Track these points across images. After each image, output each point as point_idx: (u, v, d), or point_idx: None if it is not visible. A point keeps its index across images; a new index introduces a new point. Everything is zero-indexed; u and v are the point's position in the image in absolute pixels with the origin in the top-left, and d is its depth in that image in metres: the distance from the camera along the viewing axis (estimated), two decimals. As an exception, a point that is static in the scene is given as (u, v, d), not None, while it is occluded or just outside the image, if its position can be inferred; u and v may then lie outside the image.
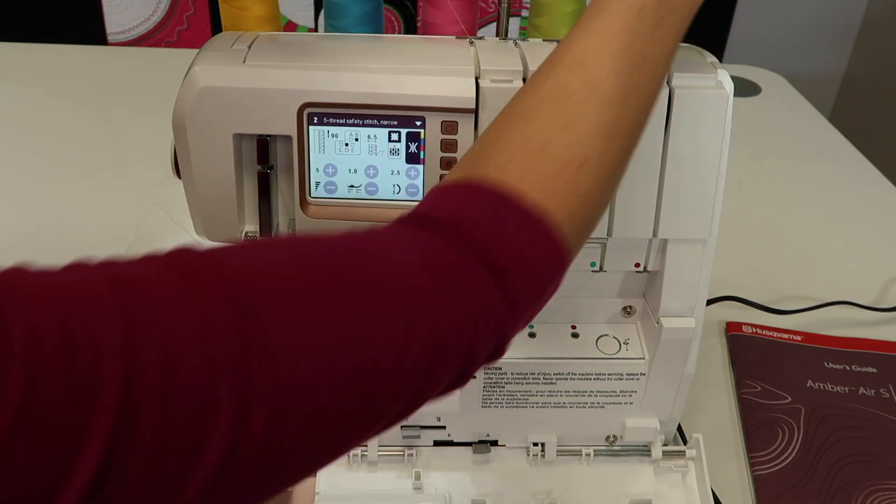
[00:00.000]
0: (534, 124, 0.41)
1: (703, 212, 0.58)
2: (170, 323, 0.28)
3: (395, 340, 0.34)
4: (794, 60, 1.73)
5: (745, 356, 0.83)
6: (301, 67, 0.53)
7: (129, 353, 0.27)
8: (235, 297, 0.30)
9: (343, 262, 0.35)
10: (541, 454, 0.66)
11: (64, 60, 1.42)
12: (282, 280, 0.32)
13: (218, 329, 0.29)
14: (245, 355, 0.29)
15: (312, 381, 0.31)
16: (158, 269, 0.30)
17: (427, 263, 0.36)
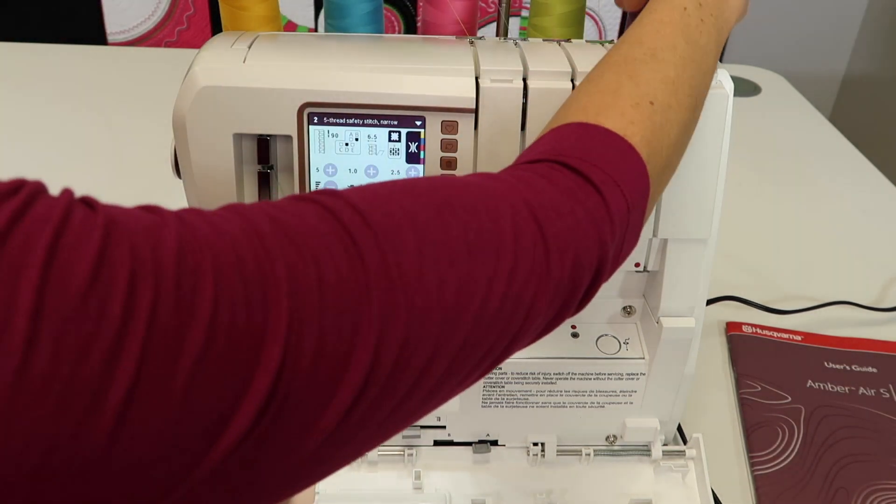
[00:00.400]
0: (603, 80, 0.46)
1: (703, 212, 0.58)
2: (315, 252, 0.31)
3: (518, 244, 0.36)
4: (794, 60, 1.73)
5: (745, 356, 0.83)
6: (301, 67, 0.53)
7: (292, 275, 0.29)
8: (379, 240, 0.33)
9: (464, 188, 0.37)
10: (541, 454, 0.66)
11: (64, 60, 1.42)
12: (413, 223, 0.34)
13: (367, 262, 0.32)
14: (388, 294, 0.32)
15: (441, 308, 0.33)
16: (311, 210, 0.33)
17: (536, 179, 0.39)
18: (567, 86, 0.54)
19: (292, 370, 0.28)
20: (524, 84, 0.54)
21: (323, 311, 0.30)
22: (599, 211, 0.39)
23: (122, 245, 0.26)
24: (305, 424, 0.30)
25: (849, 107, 1.78)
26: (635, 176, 0.42)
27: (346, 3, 0.62)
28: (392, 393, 0.32)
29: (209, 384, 0.27)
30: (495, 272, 0.35)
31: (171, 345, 0.26)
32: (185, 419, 0.26)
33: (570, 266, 0.38)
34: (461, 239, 0.34)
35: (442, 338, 0.33)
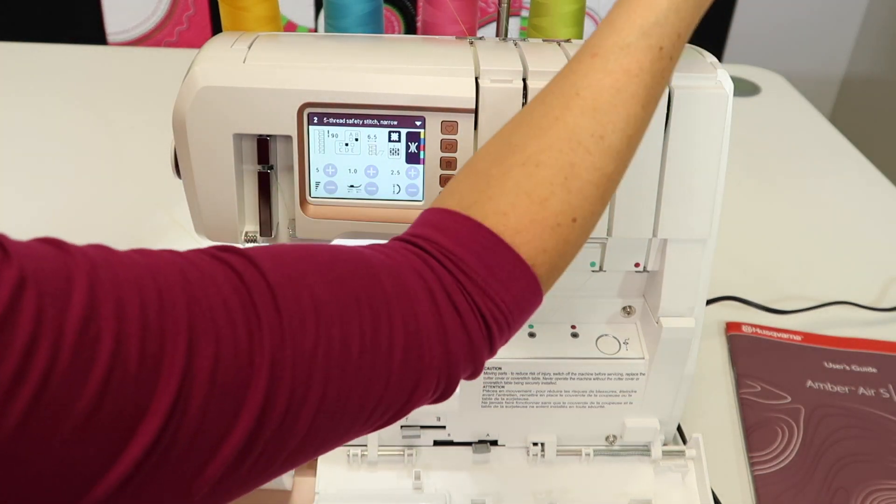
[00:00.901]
0: (538, 173, 0.42)
1: (703, 212, 0.58)
2: (223, 320, 0.33)
3: (393, 357, 0.38)
4: (794, 60, 1.73)
5: (745, 356, 0.83)
6: (301, 67, 0.53)
7: (191, 337, 0.31)
8: (278, 302, 0.35)
9: (361, 282, 0.39)
10: (541, 454, 0.66)
11: (64, 60, 1.42)
12: (311, 291, 0.36)
13: (262, 325, 0.34)
14: (278, 353, 0.34)
15: (326, 377, 0.36)
16: (215, 266, 0.35)
17: (431, 294, 0.40)
18: (567, 86, 0.54)
19: (170, 440, 0.30)
20: (524, 84, 0.54)
21: (212, 389, 0.32)
22: (481, 341, 0.41)
23: (29, 301, 0.27)
24: (180, 486, 0.32)
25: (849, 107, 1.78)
26: (526, 305, 0.43)
27: (346, 3, 0.62)
28: (268, 462, 0.35)
29: (87, 444, 0.28)
30: (378, 376, 0.38)
31: (57, 409, 0.27)
32: (61, 474, 0.28)
33: (444, 380, 0.41)
34: (356, 340, 0.37)
35: (315, 426, 0.36)
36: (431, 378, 0.40)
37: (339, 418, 0.37)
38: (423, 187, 0.56)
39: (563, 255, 0.44)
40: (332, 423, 0.37)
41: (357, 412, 0.37)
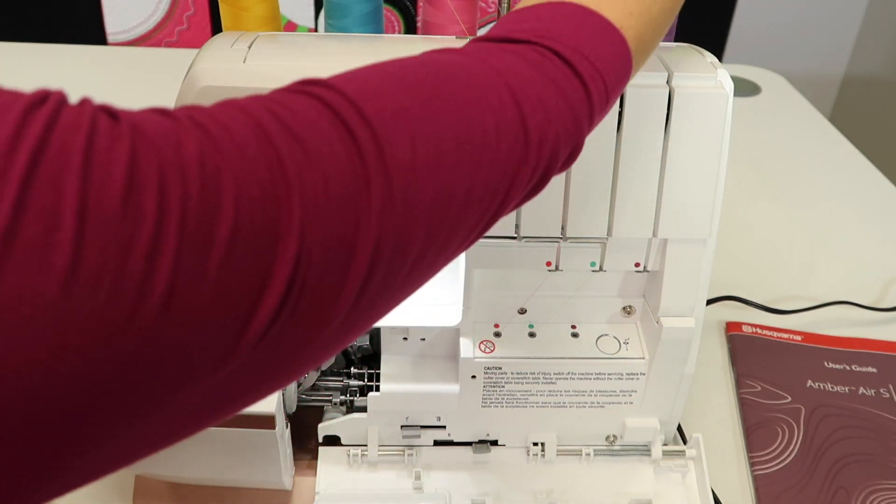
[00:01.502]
0: None
1: (702, 212, 0.58)
2: (319, 149, 0.32)
3: (500, 137, 0.37)
4: (794, 60, 1.73)
5: (745, 356, 0.83)
6: (301, 67, 0.53)
7: (300, 173, 0.31)
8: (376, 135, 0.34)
9: (436, 79, 0.38)
10: (541, 454, 0.66)
11: (64, 60, 1.42)
12: (392, 99, 0.36)
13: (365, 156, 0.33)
14: (385, 186, 0.33)
15: (432, 198, 0.35)
16: (309, 105, 0.34)
17: (524, 72, 0.39)
18: (567, 86, 0.54)
19: (307, 261, 0.31)
20: None
21: (329, 205, 0.32)
22: (582, 105, 0.41)
23: (149, 151, 0.27)
24: (324, 307, 0.32)
25: (849, 107, 1.78)
26: (621, 70, 0.43)
27: (346, 3, 0.62)
28: (396, 271, 0.35)
29: (237, 274, 0.29)
30: (479, 164, 0.37)
31: (201, 239, 0.28)
32: (219, 307, 0.28)
33: (547, 155, 0.40)
34: (449, 133, 0.36)
35: (432, 223, 0.35)
36: (532, 154, 0.39)
37: (451, 213, 0.36)
38: (423, 187, 0.55)
39: (649, 25, 0.44)
40: (445, 220, 0.36)
41: (464, 202, 0.37)
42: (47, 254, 0.24)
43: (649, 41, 0.45)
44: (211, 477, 0.63)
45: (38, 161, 0.25)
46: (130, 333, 0.26)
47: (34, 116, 0.26)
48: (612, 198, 0.57)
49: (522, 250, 0.61)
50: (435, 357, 0.66)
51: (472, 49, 0.41)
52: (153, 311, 0.26)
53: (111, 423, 0.27)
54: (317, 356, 0.35)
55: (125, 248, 0.26)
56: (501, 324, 0.65)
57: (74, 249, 0.25)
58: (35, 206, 0.24)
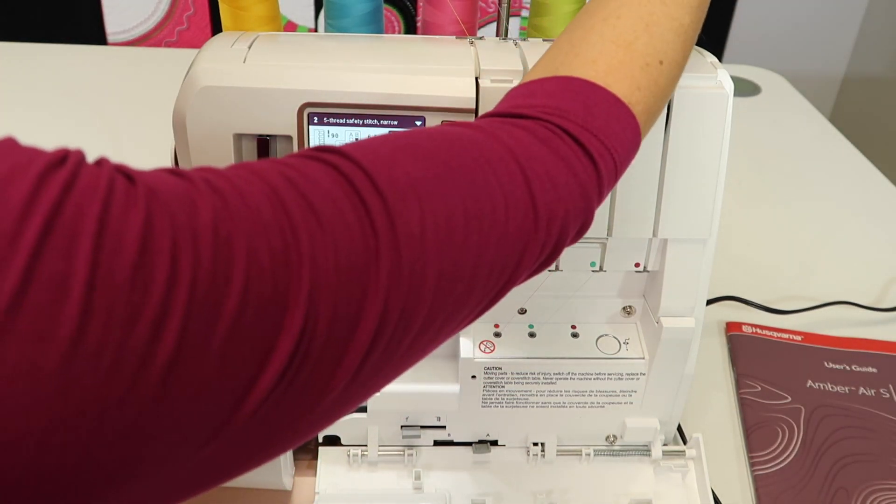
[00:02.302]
0: (620, 23, 0.44)
1: (703, 212, 0.58)
2: (332, 210, 0.32)
3: (509, 214, 0.38)
4: (794, 60, 1.73)
5: (745, 356, 0.83)
6: (301, 67, 0.53)
7: (312, 244, 0.31)
8: (378, 186, 0.34)
9: (448, 153, 0.38)
10: (541, 454, 0.66)
11: (64, 60, 1.42)
12: (404, 170, 0.36)
13: (370, 209, 0.33)
14: (390, 233, 0.33)
15: (439, 273, 0.35)
16: (323, 172, 0.34)
17: (526, 147, 0.39)
18: (567, 86, 0.54)
19: (311, 333, 0.30)
20: (524, 84, 0.54)
21: (339, 278, 0.31)
22: (591, 182, 0.41)
23: (164, 216, 0.27)
24: (324, 379, 0.32)
25: (849, 107, 1.78)
26: (630, 145, 0.43)
27: (346, 3, 0.62)
28: (398, 345, 0.34)
29: (241, 346, 0.28)
30: (487, 240, 0.37)
31: (209, 310, 0.27)
32: (221, 377, 0.28)
33: (556, 232, 0.40)
34: (459, 208, 0.36)
35: (437, 297, 0.35)
36: (541, 232, 0.39)
37: (457, 288, 0.36)
38: (423, 187, 0.55)
39: (657, 97, 0.44)
40: (451, 295, 0.36)
41: (471, 278, 0.37)
42: (52, 326, 0.24)
43: (657, 111, 0.46)
44: (211, 477, 0.63)
45: (51, 227, 0.24)
46: (128, 407, 0.26)
47: (51, 179, 0.25)
48: (612, 198, 0.57)
49: (522, 250, 0.61)
50: (435, 357, 0.66)
51: (484, 124, 0.41)
52: (153, 383, 0.26)
53: (97, 495, 0.27)
54: (313, 427, 0.34)
55: (132, 317, 0.25)
56: (501, 324, 0.65)
57: (80, 321, 0.24)
58: (43, 276, 0.24)
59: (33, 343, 0.24)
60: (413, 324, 0.34)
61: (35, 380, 0.24)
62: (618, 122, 0.42)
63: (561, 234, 0.40)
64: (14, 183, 0.24)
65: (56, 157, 0.26)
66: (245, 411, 0.29)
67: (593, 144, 0.41)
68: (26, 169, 0.25)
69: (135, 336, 0.25)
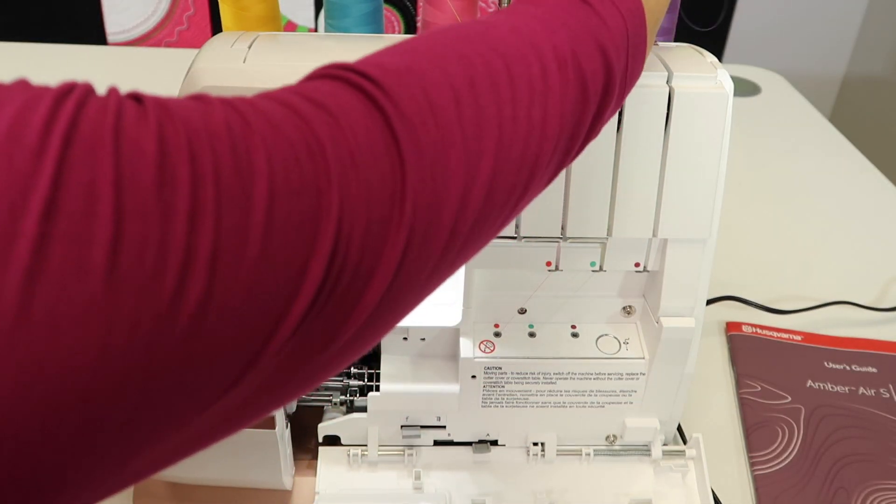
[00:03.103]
0: None
1: (703, 212, 0.58)
2: (352, 126, 0.32)
3: (502, 105, 0.37)
4: (794, 60, 1.73)
5: (745, 356, 0.83)
6: (301, 67, 0.53)
7: (336, 145, 0.31)
8: (390, 95, 0.34)
9: (459, 47, 0.38)
10: (541, 454, 0.66)
11: (64, 60, 1.42)
12: (422, 82, 0.35)
13: (391, 122, 0.33)
14: (417, 162, 0.33)
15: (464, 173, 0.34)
16: (329, 84, 0.34)
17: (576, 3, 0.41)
18: (567, 86, 0.54)
19: (345, 249, 0.30)
20: None
21: (367, 191, 0.31)
22: (599, 27, 0.42)
23: (176, 121, 0.28)
24: (355, 300, 0.31)
25: (849, 107, 1.78)
26: (640, 28, 0.44)
27: (346, 3, 0.62)
28: (430, 250, 0.34)
29: (275, 258, 0.28)
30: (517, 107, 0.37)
31: (239, 201, 0.27)
32: (257, 299, 0.28)
33: (602, 75, 0.41)
34: (468, 86, 0.36)
35: (468, 189, 0.35)
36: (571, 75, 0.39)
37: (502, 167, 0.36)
38: (423, 187, 0.55)
39: (656, 7, 0.45)
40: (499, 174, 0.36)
41: (510, 194, 0.36)
42: (90, 228, 0.24)
43: (654, 25, 0.46)
44: (211, 477, 0.63)
45: (70, 140, 0.25)
46: (171, 322, 0.26)
47: (64, 103, 0.26)
48: (612, 198, 0.57)
49: (522, 250, 0.61)
50: (435, 357, 0.66)
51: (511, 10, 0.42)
52: (197, 287, 0.26)
53: (149, 429, 0.27)
54: (341, 357, 0.34)
55: (166, 214, 0.26)
56: (501, 324, 0.65)
57: (116, 221, 0.25)
58: (71, 184, 0.24)
59: (75, 245, 0.24)
60: (440, 228, 0.34)
61: (83, 280, 0.24)
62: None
63: (608, 70, 0.41)
64: (33, 108, 0.25)
65: (65, 87, 0.27)
66: (279, 339, 0.29)
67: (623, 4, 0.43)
68: (40, 98, 0.26)
69: (173, 232, 0.25)
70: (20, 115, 0.25)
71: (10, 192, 0.23)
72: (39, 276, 0.23)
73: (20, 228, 0.23)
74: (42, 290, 0.23)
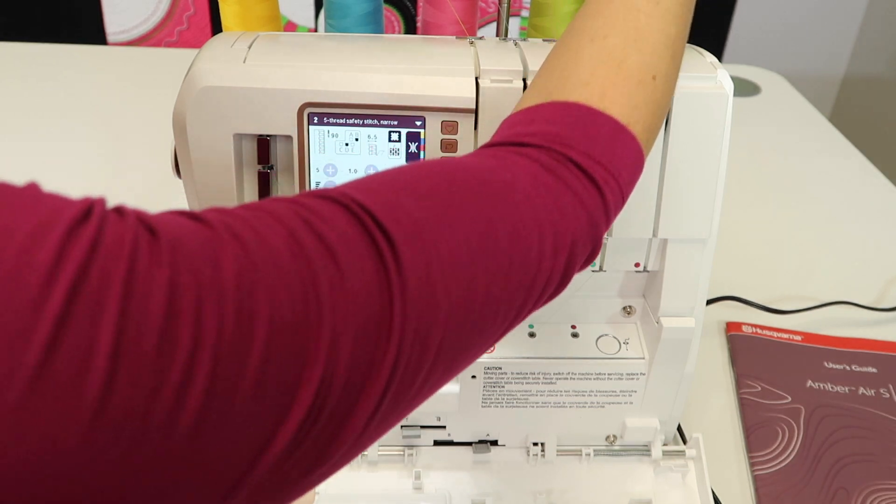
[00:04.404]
0: (608, 42, 0.44)
1: (703, 212, 0.58)
2: (350, 264, 0.32)
3: (515, 246, 0.37)
4: (794, 60, 1.73)
5: (745, 356, 0.83)
6: (301, 67, 0.53)
7: (333, 291, 0.31)
8: (387, 231, 0.34)
9: (466, 185, 0.38)
10: (541, 454, 0.66)
11: (64, 60, 1.42)
12: (407, 211, 0.35)
13: (383, 255, 0.33)
14: (398, 277, 0.33)
15: (446, 290, 0.34)
16: (329, 207, 0.33)
17: (532, 176, 0.39)
18: (567, 86, 0.54)
19: (329, 382, 0.30)
20: (524, 84, 0.54)
21: (357, 326, 0.31)
22: (598, 209, 0.41)
23: (188, 273, 0.27)
24: (338, 427, 0.31)
25: (849, 107, 1.78)
26: (633, 167, 0.43)
27: (346, 3, 0.62)
28: (409, 387, 0.34)
29: (263, 402, 0.28)
30: (494, 275, 0.36)
31: (232, 371, 0.27)
32: (241, 437, 0.28)
33: (563, 261, 0.40)
34: (463, 246, 0.35)
35: (447, 339, 0.35)
36: (547, 262, 0.39)
37: (466, 326, 0.36)
38: (423, 187, 0.56)
39: (654, 113, 0.44)
40: (461, 333, 0.35)
41: (480, 315, 0.36)
42: (74, 401, 0.23)
43: (656, 128, 0.45)
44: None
45: (76, 293, 0.24)
46: (148, 472, 0.25)
47: (77, 239, 0.25)
48: None
49: (522, 250, 0.61)
50: (435, 357, 0.66)
51: (486, 154, 0.41)
52: (176, 445, 0.26)
53: None
54: (327, 474, 0.34)
55: (156, 385, 0.25)
56: (501, 324, 0.65)
57: (103, 393, 0.24)
58: (68, 347, 0.23)
59: (54, 420, 0.23)
60: (423, 365, 0.34)
61: (57, 457, 0.23)
62: (619, 146, 0.42)
63: (569, 262, 0.40)
64: (39, 243, 0.24)
65: (81, 211, 0.26)
66: (262, 468, 0.29)
67: (597, 171, 0.40)
68: (51, 227, 0.24)
69: (158, 404, 0.25)
70: (26, 251, 0.24)
71: (7, 342, 0.23)
72: (29, 416, 0.23)
73: (15, 377, 0.23)
74: (26, 437, 0.23)
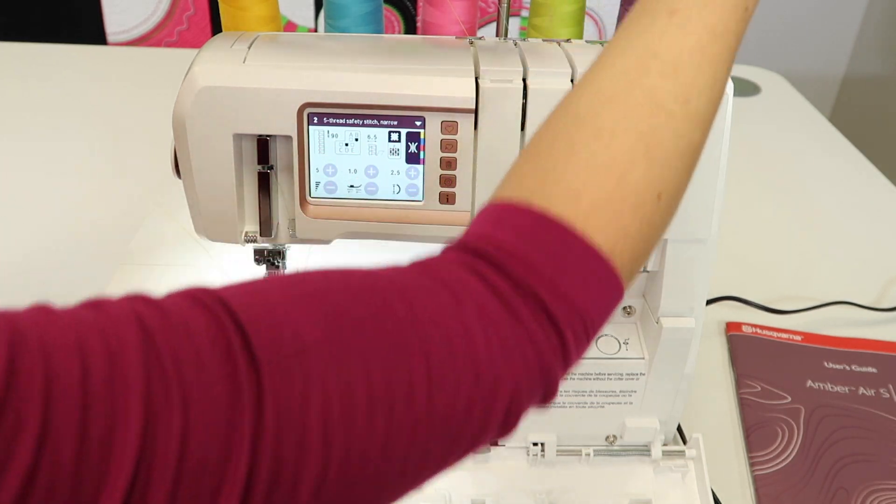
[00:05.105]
0: (615, 144, 0.36)
1: (703, 212, 0.58)
2: (196, 382, 0.27)
3: (435, 389, 0.31)
4: (794, 60, 1.73)
5: (745, 356, 0.83)
6: (301, 67, 0.53)
7: (148, 409, 0.26)
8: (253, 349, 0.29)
9: (362, 310, 0.32)
10: (541, 454, 0.66)
11: (64, 60, 1.42)
12: (293, 330, 0.30)
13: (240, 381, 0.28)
14: (258, 416, 0.28)
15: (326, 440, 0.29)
16: (188, 311, 0.29)
17: (488, 306, 0.33)
18: (567, 86, 0.54)
19: None
20: (524, 84, 0.54)
21: (179, 475, 0.26)
22: (553, 355, 0.34)
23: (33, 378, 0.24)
24: None
25: (849, 107, 1.78)
26: (606, 305, 0.36)
27: (346, 3, 0.62)
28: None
29: None
30: (401, 424, 0.31)
31: None
32: None
33: (501, 411, 0.34)
34: (362, 383, 0.30)
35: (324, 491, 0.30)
36: (478, 417, 0.32)
37: (355, 488, 0.30)
38: (422, 187, 0.56)
39: (648, 240, 0.37)
40: (347, 498, 0.29)
41: (377, 473, 0.30)
42: None
43: (647, 255, 0.38)
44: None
45: None
46: None
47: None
48: None
49: (522, 250, 0.61)
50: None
51: (433, 265, 0.34)
52: None
53: None
54: None
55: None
56: (501, 324, 0.65)
57: None
58: None
59: None
60: None
61: None
62: (594, 280, 0.35)
63: (510, 409, 0.33)
64: None
65: None
66: None
67: (560, 309, 0.34)
68: None
69: None
70: None
71: None
72: None
73: None
74: None
